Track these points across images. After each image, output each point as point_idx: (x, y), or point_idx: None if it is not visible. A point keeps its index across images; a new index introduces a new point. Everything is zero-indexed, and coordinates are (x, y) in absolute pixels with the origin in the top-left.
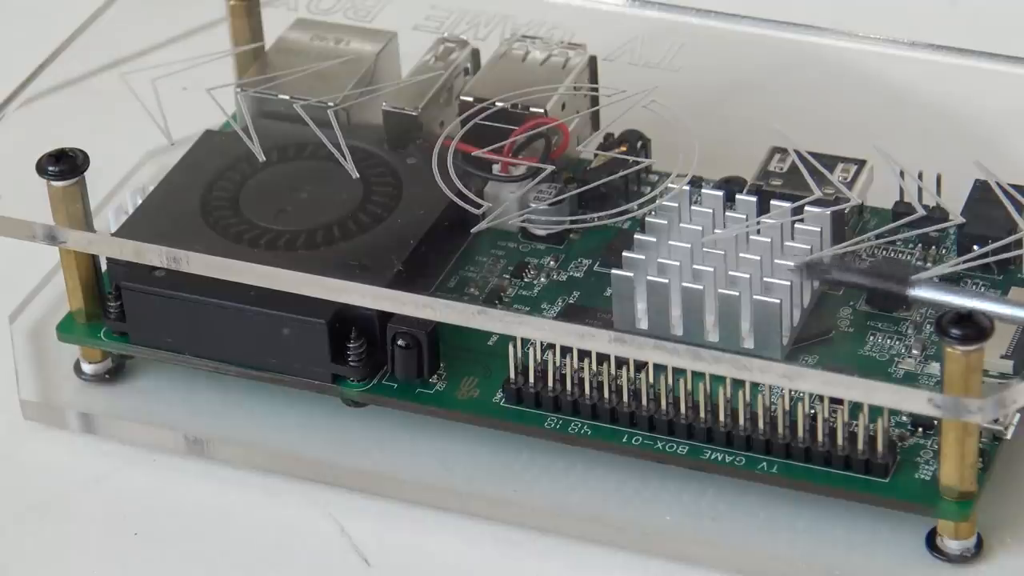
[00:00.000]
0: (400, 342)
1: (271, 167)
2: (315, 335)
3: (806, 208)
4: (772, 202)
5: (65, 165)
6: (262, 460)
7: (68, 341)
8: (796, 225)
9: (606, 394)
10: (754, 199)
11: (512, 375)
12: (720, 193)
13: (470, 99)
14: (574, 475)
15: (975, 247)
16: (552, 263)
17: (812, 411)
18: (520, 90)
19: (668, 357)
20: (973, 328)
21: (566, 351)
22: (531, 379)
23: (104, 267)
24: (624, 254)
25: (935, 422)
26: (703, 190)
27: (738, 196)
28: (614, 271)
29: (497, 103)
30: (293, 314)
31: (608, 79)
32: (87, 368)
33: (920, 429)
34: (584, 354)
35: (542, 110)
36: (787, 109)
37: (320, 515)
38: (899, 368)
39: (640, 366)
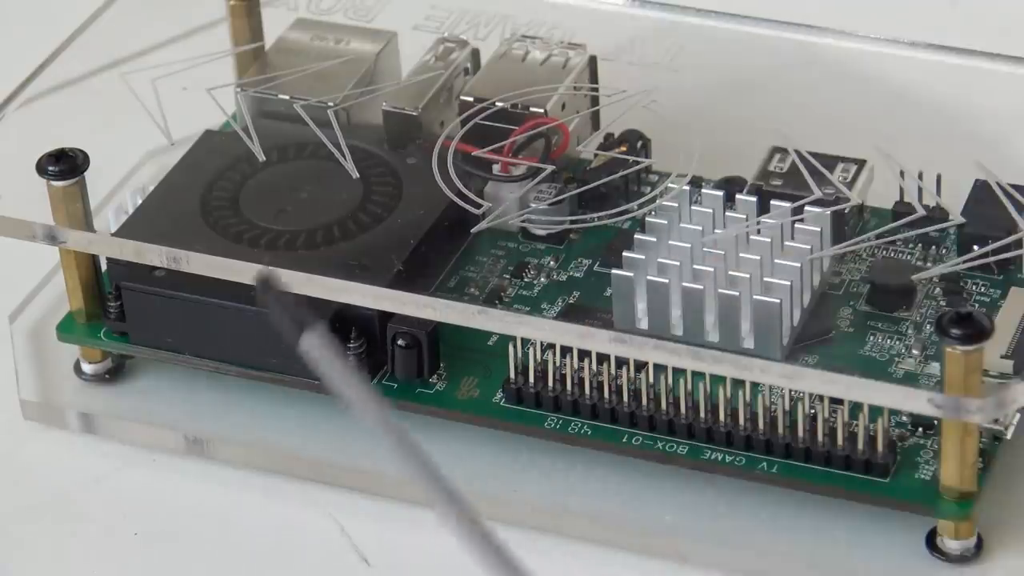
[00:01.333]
0: (400, 342)
1: (271, 167)
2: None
3: (806, 208)
4: (772, 202)
5: (65, 165)
6: (262, 460)
7: (68, 341)
8: (796, 225)
9: (606, 394)
10: (754, 199)
11: (512, 375)
12: (720, 193)
13: (470, 99)
14: (574, 475)
15: (975, 247)
16: (552, 263)
17: (812, 411)
18: (520, 90)
19: (668, 357)
20: (973, 328)
21: (566, 351)
22: (531, 379)
23: (104, 267)
24: (624, 254)
25: (935, 422)
26: (703, 190)
27: (738, 196)
28: (614, 271)
29: (497, 103)
30: None
31: (608, 79)
32: (87, 368)
33: (920, 429)
34: (584, 354)
35: (542, 110)
36: (787, 109)
37: (320, 515)
38: (899, 368)
39: (640, 366)
